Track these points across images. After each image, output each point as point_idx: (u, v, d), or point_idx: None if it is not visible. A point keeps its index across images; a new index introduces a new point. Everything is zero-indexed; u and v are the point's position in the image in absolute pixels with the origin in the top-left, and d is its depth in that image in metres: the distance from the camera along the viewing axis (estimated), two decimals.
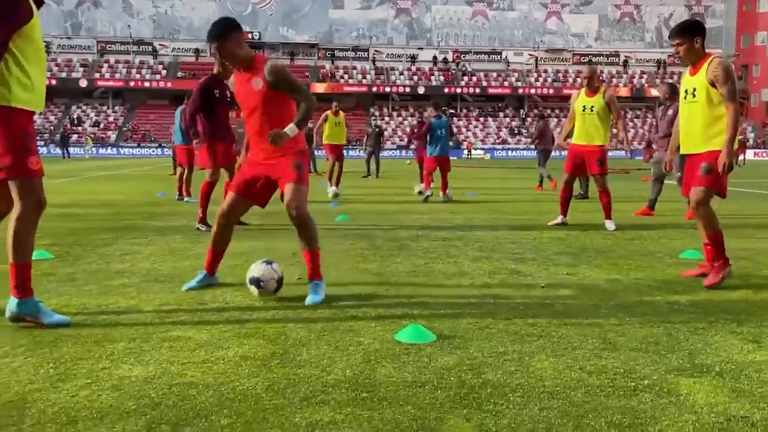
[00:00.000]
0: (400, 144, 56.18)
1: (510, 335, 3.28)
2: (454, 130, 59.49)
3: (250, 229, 7.18)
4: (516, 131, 66.90)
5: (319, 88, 62.47)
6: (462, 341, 3.17)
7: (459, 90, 69.29)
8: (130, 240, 6.42)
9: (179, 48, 69.29)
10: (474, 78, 70.39)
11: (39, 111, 3.41)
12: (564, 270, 5.04)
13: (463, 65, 71.38)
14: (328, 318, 3.58)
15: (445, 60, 71.80)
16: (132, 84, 65.71)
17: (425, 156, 11.98)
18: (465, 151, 55.02)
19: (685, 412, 2.36)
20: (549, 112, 62.97)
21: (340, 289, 4.23)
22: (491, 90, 69.64)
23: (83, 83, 64.53)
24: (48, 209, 3.44)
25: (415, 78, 70.02)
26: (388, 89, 68.62)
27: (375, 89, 68.35)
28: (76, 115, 64.55)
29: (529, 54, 72.63)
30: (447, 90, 68.46)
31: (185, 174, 11.05)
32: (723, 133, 4.48)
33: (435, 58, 71.61)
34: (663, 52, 71.82)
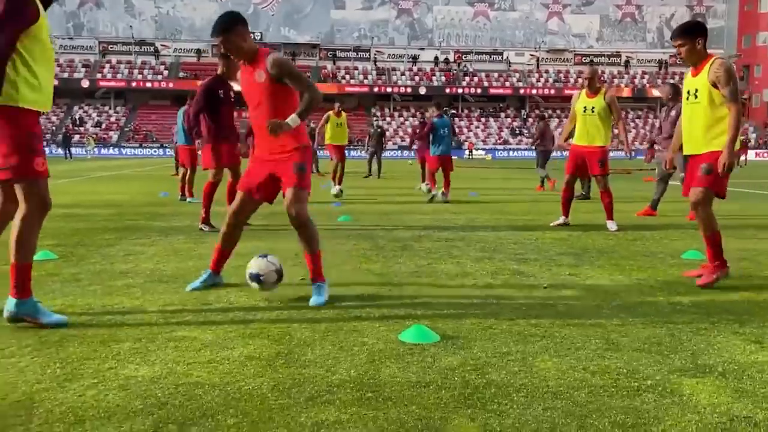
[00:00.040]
0: (401, 144, 56.16)
1: (513, 335, 3.30)
2: (455, 130, 59.42)
3: (253, 230, 7.19)
4: (517, 131, 66.90)
5: (321, 88, 62.26)
6: (465, 341, 3.19)
7: (460, 90, 69.29)
8: (133, 240, 6.44)
9: (181, 48, 69.39)
10: (475, 78, 70.39)
11: (47, 111, 3.42)
12: (566, 270, 5.05)
13: (465, 65, 71.38)
14: (332, 318, 3.60)
15: (447, 60, 71.82)
16: (134, 84, 65.80)
17: (428, 156, 12.00)
18: (466, 152, 55.02)
19: (688, 412, 2.37)
20: (550, 112, 63.05)
21: (343, 290, 4.25)
22: (492, 90, 69.64)
23: (85, 84, 64.64)
24: (51, 209, 3.45)
25: (417, 78, 70.04)
26: (389, 90, 68.65)
27: (376, 90, 68.36)
28: (78, 116, 64.64)
29: (531, 54, 72.62)
30: (448, 90, 68.45)
31: (188, 174, 11.07)
32: (724, 134, 4.47)
33: (436, 58, 71.62)
34: (664, 52, 71.78)
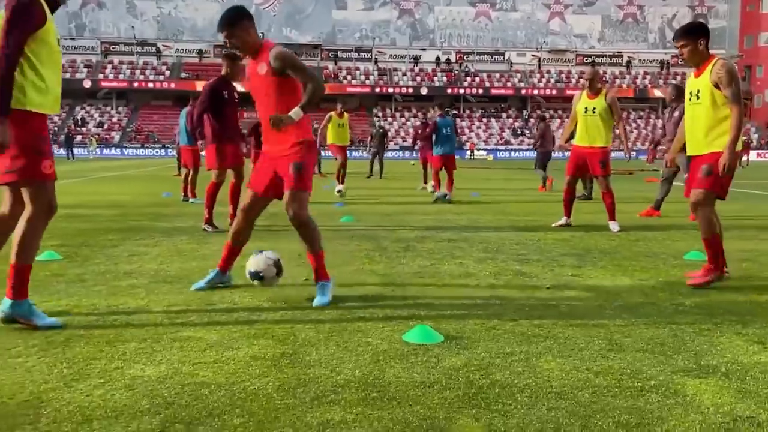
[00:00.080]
0: (403, 145, 56.17)
1: (516, 336, 3.31)
2: (458, 130, 59.46)
3: (256, 230, 7.12)
4: (519, 132, 66.89)
5: None
6: (469, 342, 3.20)
7: (462, 91, 69.25)
8: (137, 241, 6.46)
9: (183, 49, 69.38)
10: (477, 79, 70.36)
11: (54, 114, 3.45)
12: (569, 271, 5.07)
13: (466, 66, 71.35)
14: (335, 319, 3.62)
15: (448, 61, 71.78)
16: (136, 85, 65.81)
17: (431, 156, 12.01)
18: (468, 152, 55.02)
19: (692, 412, 2.39)
20: (552, 113, 63.00)
21: (346, 290, 4.27)
22: (494, 91, 69.59)
23: (87, 84, 64.64)
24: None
25: (418, 79, 70.00)
26: (391, 90, 68.62)
27: (378, 90, 68.35)
28: (80, 116, 64.69)
29: (532, 55, 72.54)
30: (450, 91, 68.39)
31: (190, 175, 11.10)
32: (726, 135, 4.46)
33: (438, 58, 71.59)
34: (666, 52, 71.70)
